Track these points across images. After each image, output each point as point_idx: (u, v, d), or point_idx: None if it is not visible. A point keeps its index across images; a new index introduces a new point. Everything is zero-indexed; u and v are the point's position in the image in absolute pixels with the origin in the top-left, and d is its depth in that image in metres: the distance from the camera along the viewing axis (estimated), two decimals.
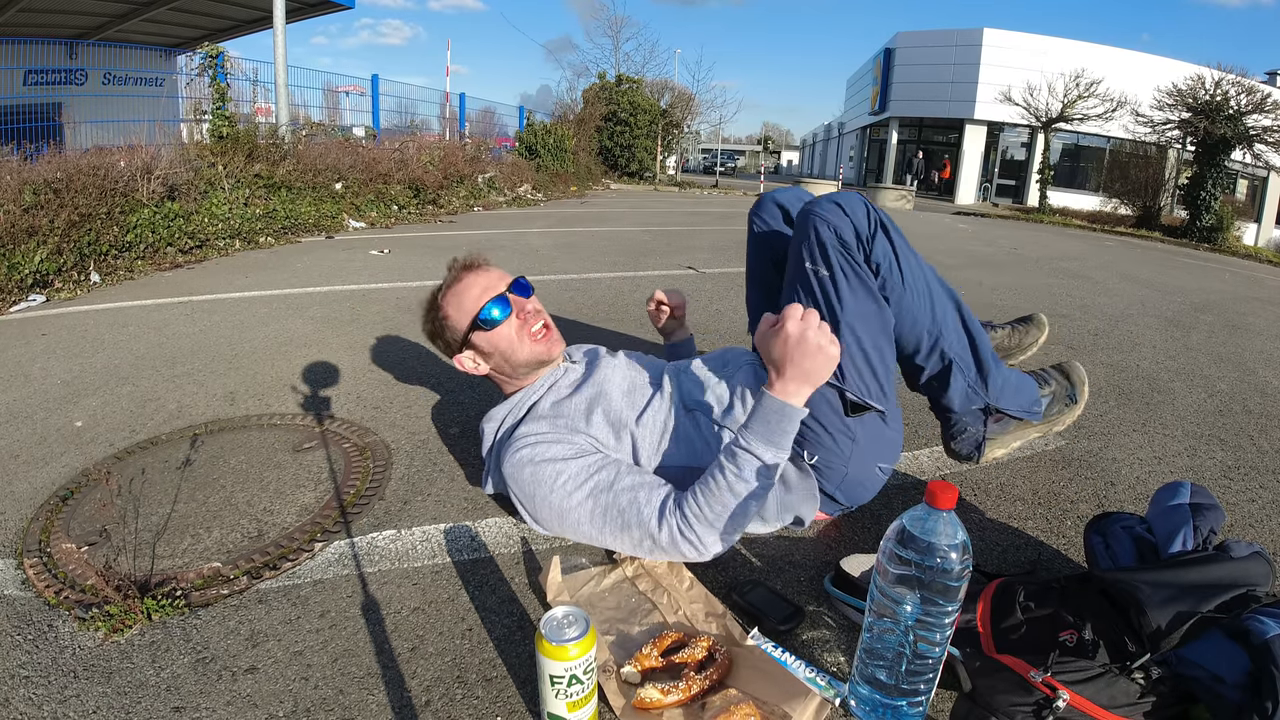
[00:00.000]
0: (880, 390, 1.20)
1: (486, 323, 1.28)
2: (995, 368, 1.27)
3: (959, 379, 1.25)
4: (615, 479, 1.12)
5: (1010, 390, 1.30)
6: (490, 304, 1.27)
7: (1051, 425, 1.37)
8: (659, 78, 19.07)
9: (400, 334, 2.64)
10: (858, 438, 1.21)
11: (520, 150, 11.93)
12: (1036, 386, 1.36)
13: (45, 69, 8.91)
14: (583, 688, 0.80)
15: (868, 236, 1.16)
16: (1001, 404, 1.29)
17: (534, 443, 1.18)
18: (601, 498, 1.11)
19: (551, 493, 1.13)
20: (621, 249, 5.04)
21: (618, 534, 1.10)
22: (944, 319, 1.22)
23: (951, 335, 1.23)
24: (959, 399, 1.27)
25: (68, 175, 3.84)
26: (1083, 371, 1.42)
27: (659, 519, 1.07)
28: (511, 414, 1.30)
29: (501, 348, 1.29)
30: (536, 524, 1.20)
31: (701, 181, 18.99)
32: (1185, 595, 0.87)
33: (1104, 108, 14.80)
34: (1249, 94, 11.22)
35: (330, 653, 0.99)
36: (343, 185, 6.37)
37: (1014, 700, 0.84)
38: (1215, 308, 4.13)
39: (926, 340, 1.23)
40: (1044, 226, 11.31)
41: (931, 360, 1.24)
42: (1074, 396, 1.39)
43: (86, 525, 1.31)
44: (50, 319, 2.87)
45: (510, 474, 1.18)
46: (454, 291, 1.31)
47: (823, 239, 1.15)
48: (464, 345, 1.31)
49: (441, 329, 1.34)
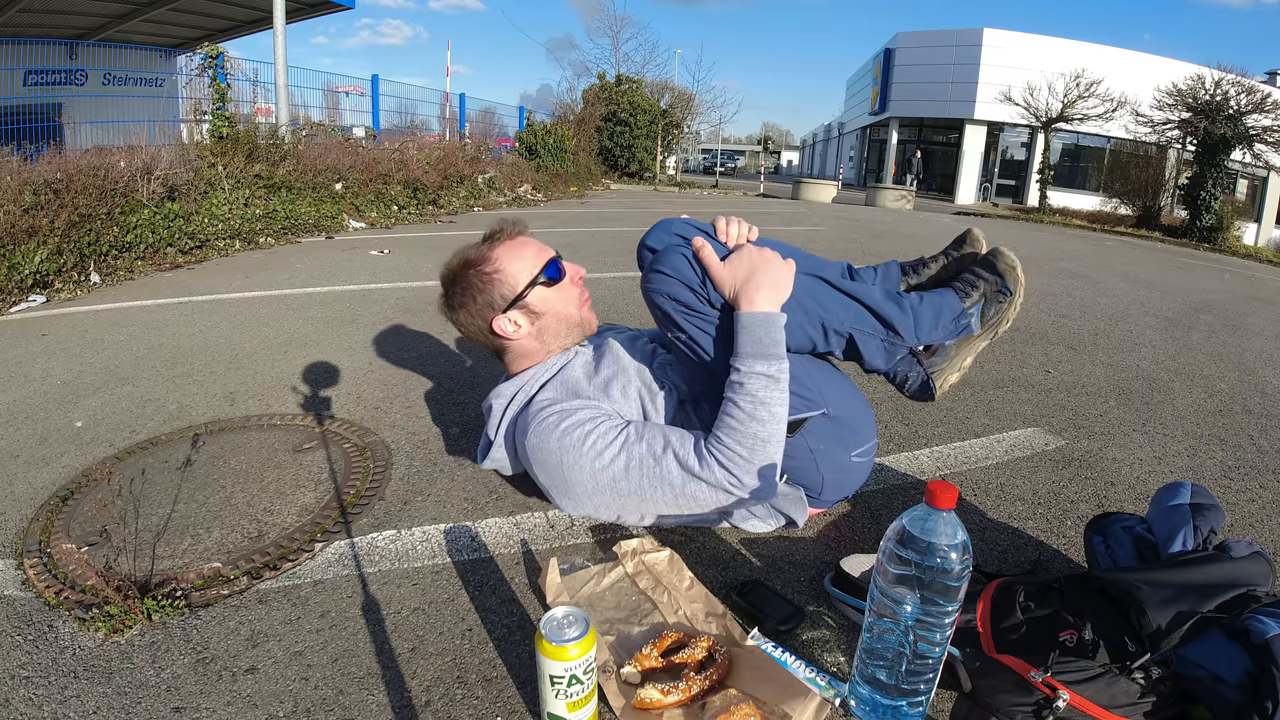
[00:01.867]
0: (801, 399, 1.17)
1: (553, 275, 1.28)
2: (900, 313, 1.23)
3: (869, 342, 1.22)
4: (645, 430, 1.14)
5: (927, 322, 1.25)
6: (554, 260, 1.29)
7: (996, 328, 1.30)
8: (659, 78, 19.10)
9: (400, 334, 2.64)
10: (813, 445, 1.20)
11: (520, 150, 11.94)
12: (957, 300, 1.29)
13: (45, 69, 8.91)
14: (583, 688, 0.80)
15: (699, 283, 1.14)
16: (923, 339, 1.25)
17: (559, 410, 1.18)
18: (635, 449, 1.12)
19: (581, 455, 1.12)
20: (622, 249, 5.03)
21: (657, 485, 1.11)
22: (818, 303, 1.20)
23: (835, 310, 1.20)
24: (881, 358, 1.24)
25: (68, 176, 3.84)
26: (1010, 256, 1.30)
27: (699, 460, 1.09)
28: (523, 391, 1.28)
29: (557, 306, 1.29)
30: (565, 497, 1.18)
31: (701, 182, 18.99)
32: (1185, 595, 0.87)
33: (1104, 108, 14.81)
34: (1249, 94, 11.22)
35: (330, 653, 0.99)
36: (343, 185, 6.37)
37: (1014, 700, 0.84)
38: (1215, 308, 4.13)
39: (813, 330, 1.21)
40: (1044, 226, 11.31)
41: (832, 341, 1.22)
42: (1006, 288, 1.29)
43: (86, 525, 1.31)
44: (50, 319, 2.87)
45: (536, 444, 1.16)
46: (511, 245, 1.28)
47: (664, 309, 1.17)
48: (513, 303, 1.26)
49: (488, 284, 1.26)
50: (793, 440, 1.18)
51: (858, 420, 1.27)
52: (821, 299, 1.20)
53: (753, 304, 1.10)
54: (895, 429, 1.85)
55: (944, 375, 1.29)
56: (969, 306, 1.29)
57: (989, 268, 1.31)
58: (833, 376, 1.28)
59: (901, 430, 1.85)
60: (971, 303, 1.29)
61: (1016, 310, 1.30)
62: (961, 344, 1.30)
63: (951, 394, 2.14)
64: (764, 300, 1.10)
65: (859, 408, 1.29)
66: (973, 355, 1.30)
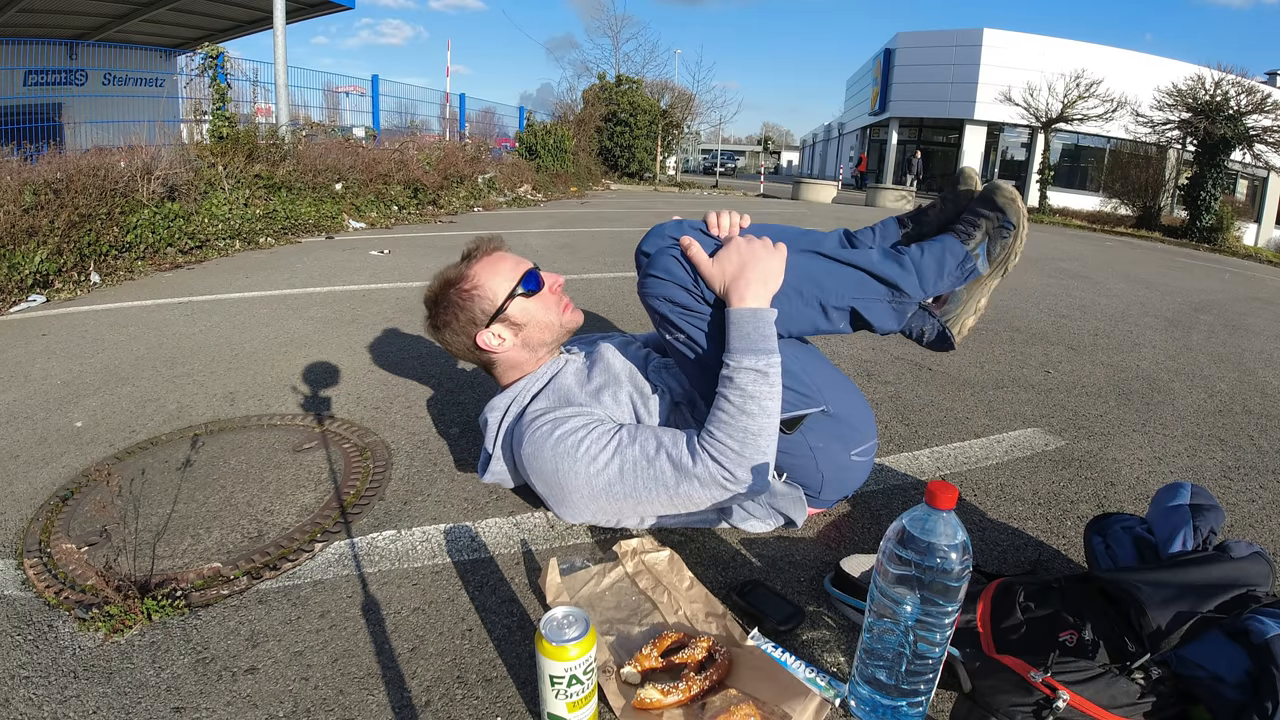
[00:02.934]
0: (799, 395, 1.18)
1: (529, 289, 1.29)
2: (901, 270, 1.20)
3: (874, 307, 1.21)
4: (637, 433, 1.15)
5: (931, 274, 1.23)
6: (531, 271, 1.31)
7: (1005, 264, 1.27)
8: (659, 78, 19.13)
9: (400, 334, 2.64)
10: (812, 443, 1.21)
11: (520, 151, 11.94)
12: (959, 244, 1.26)
13: (45, 69, 8.91)
14: (583, 688, 0.80)
15: (692, 282, 1.15)
16: (930, 291, 1.24)
17: (552, 419, 1.19)
18: (628, 451, 1.12)
19: (576, 462, 1.13)
20: (622, 249, 5.04)
21: (651, 486, 1.11)
22: (814, 282, 1.19)
23: (832, 286, 1.19)
24: (891, 319, 1.23)
25: (68, 176, 3.84)
26: (1008, 189, 1.26)
27: (692, 456, 1.09)
28: (516, 402, 1.30)
29: (538, 315, 1.30)
30: (563, 506, 1.19)
31: (701, 182, 19.00)
32: (1185, 595, 0.87)
33: (1104, 108, 14.80)
34: (1249, 94, 11.23)
35: (330, 653, 0.99)
36: (343, 185, 6.37)
37: (1014, 700, 0.84)
38: (1215, 308, 4.13)
39: (812, 312, 1.20)
40: (1044, 227, 11.31)
41: (834, 318, 1.21)
42: (1009, 222, 1.25)
43: (86, 525, 1.31)
44: (50, 319, 2.87)
45: (531, 454, 1.18)
46: (488, 261, 1.30)
47: (661, 312, 1.18)
48: (494, 317, 1.27)
49: (468, 301, 1.28)
50: (792, 438, 1.19)
51: (857, 419, 1.27)
52: (817, 278, 1.20)
53: (742, 299, 1.11)
54: (895, 429, 1.85)
55: (959, 321, 1.28)
56: (973, 248, 1.27)
57: (988, 204, 1.27)
58: (833, 375, 1.29)
59: (901, 430, 1.85)
60: (975, 243, 1.27)
61: (1023, 243, 1.27)
62: (972, 286, 1.28)
63: (951, 394, 2.14)
64: (753, 296, 1.11)
65: (859, 406, 1.29)
66: (986, 295, 1.28)
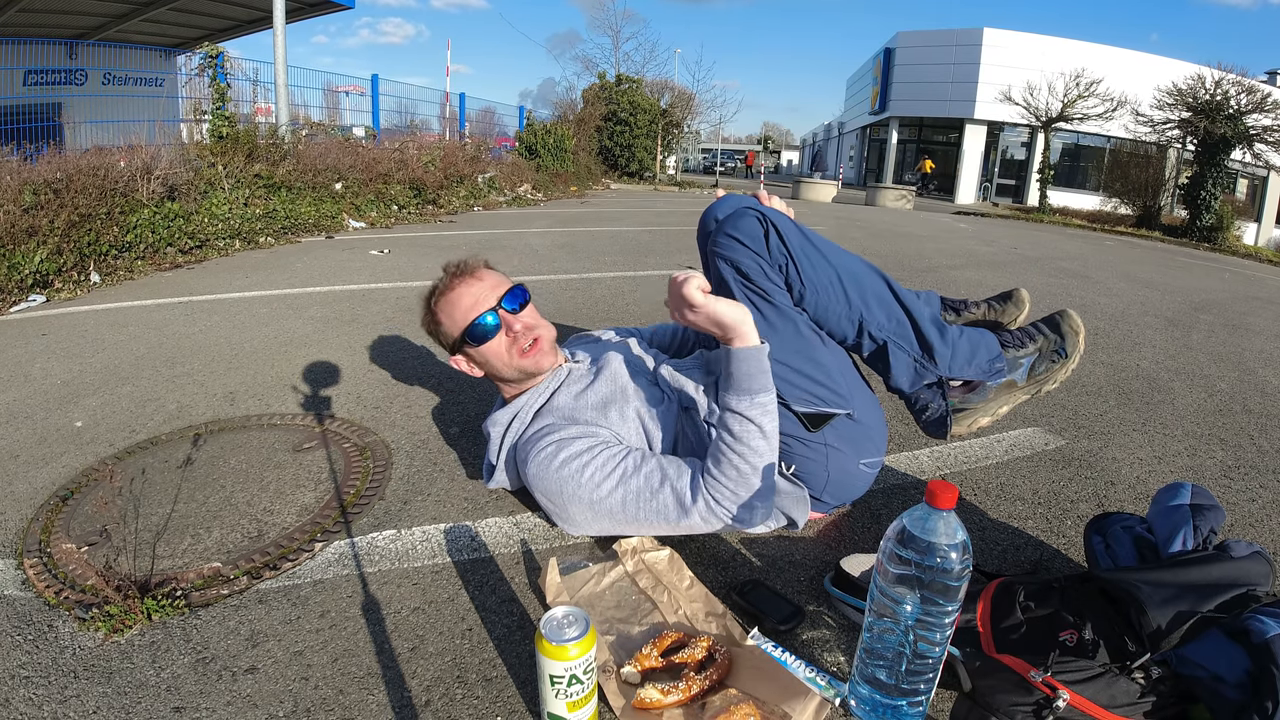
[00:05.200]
0: (833, 394, 1.19)
1: (475, 339, 1.29)
2: (940, 339, 1.22)
3: (900, 356, 1.21)
4: (641, 463, 1.15)
5: (962, 356, 1.24)
6: (478, 319, 1.28)
7: (1041, 384, 1.28)
8: (659, 77, 19.13)
9: (400, 334, 2.64)
10: (830, 442, 1.21)
11: (520, 150, 11.94)
12: (996, 343, 1.29)
13: (45, 69, 8.91)
14: (583, 688, 0.80)
15: (765, 253, 1.15)
16: (955, 372, 1.24)
17: (557, 440, 1.19)
18: (631, 482, 1.13)
19: (580, 487, 1.14)
20: (622, 249, 5.04)
21: (652, 517, 1.13)
22: (864, 301, 1.19)
23: (878, 315, 1.20)
24: (906, 377, 1.24)
25: (68, 175, 3.84)
26: (1076, 319, 1.29)
27: (692, 494, 1.10)
28: (518, 419, 1.30)
29: (489, 359, 1.32)
30: (567, 523, 1.21)
31: (701, 181, 19.00)
32: (1185, 595, 0.87)
33: (1104, 107, 14.79)
34: (1249, 93, 11.22)
35: (330, 653, 0.99)
36: (343, 185, 6.37)
37: (1014, 700, 0.84)
38: (1215, 307, 4.13)
39: (849, 327, 1.21)
40: (1044, 226, 11.31)
41: (864, 343, 1.22)
42: (1063, 350, 1.28)
43: (86, 525, 1.31)
44: (50, 319, 2.87)
45: (536, 474, 1.19)
46: (446, 300, 1.32)
47: (725, 278, 1.18)
48: (457, 351, 1.36)
49: (435, 332, 1.38)
50: (810, 434, 1.20)
51: (875, 430, 1.28)
52: (868, 300, 1.20)
53: (744, 339, 1.11)
54: (895, 429, 1.85)
55: (973, 416, 1.27)
56: (1019, 357, 1.28)
57: (1053, 326, 1.30)
58: (862, 383, 1.30)
59: (901, 430, 1.84)
60: (1024, 354, 1.29)
61: (1068, 374, 1.29)
62: (1002, 390, 1.28)
63: None
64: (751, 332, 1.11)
65: (879, 420, 1.30)
66: (1010, 405, 1.28)
